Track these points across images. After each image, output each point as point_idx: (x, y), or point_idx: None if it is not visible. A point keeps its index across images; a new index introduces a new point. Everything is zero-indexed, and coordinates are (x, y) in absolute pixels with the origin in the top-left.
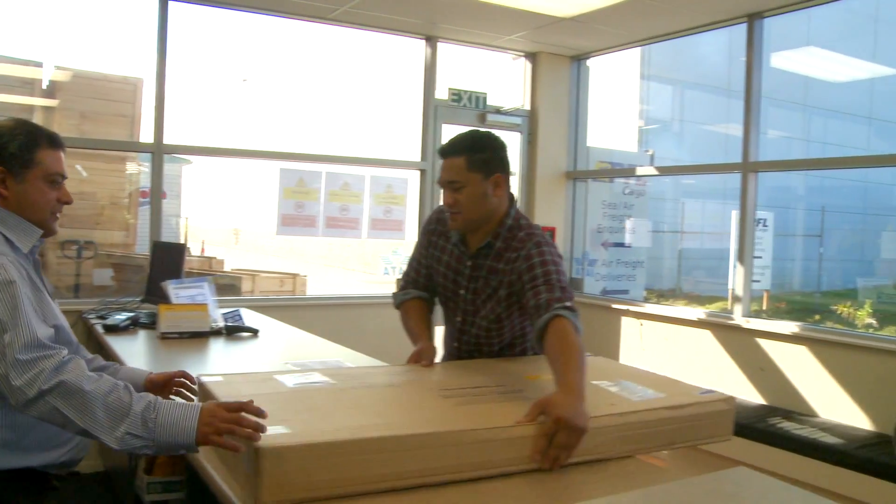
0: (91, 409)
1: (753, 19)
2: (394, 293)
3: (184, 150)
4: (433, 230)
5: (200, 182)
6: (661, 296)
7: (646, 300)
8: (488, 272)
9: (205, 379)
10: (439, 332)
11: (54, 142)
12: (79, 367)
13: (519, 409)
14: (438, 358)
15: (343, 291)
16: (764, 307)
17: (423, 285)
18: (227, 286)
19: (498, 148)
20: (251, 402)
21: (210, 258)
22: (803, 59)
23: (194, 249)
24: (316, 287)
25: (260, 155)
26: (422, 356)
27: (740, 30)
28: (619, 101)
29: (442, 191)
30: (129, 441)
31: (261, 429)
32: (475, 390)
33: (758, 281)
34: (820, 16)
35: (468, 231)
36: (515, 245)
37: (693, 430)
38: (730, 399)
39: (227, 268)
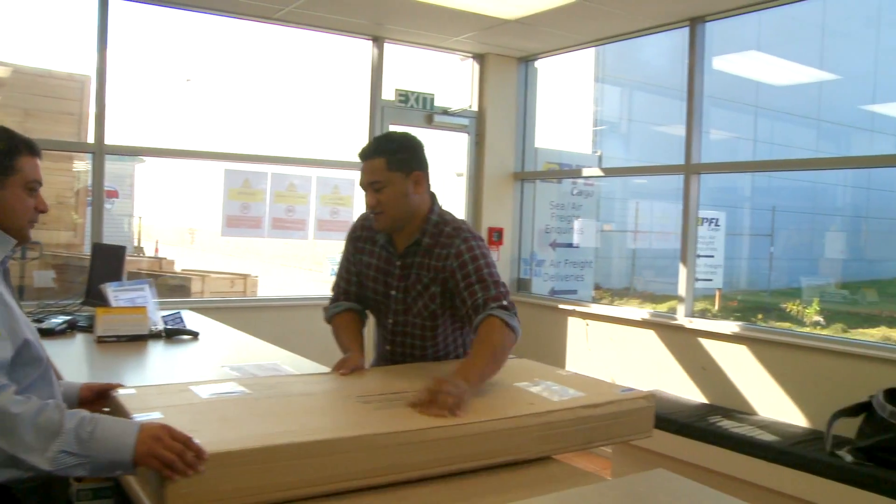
0: (18, 431)
1: (696, 23)
2: (325, 307)
3: (126, 150)
4: (359, 237)
5: (155, 181)
6: (616, 295)
7: (598, 300)
8: (419, 269)
9: (117, 392)
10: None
11: (32, 149)
12: (8, 393)
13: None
14: (369, 363)
15: (293, 292)
16: (716, 305)
17: (355, 294)
18: (177, 287)
19: (416, 147)
20: (193, 440)
21: (161, 259)
22: (753, 63)
23: (148, 250)
24: (269, 287)
25: (205, 156)
26: (344, 365)
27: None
28: (573, 103)
29: (364, 194)
30: (62, 460)
31: (195, 468)
32: (394, 395)
33: (710, 280)
34: (769, 23)
35: (394, 230)
36: (443, 241)
37: (613, 427)
38: (649, 396)
39: (178, 268)
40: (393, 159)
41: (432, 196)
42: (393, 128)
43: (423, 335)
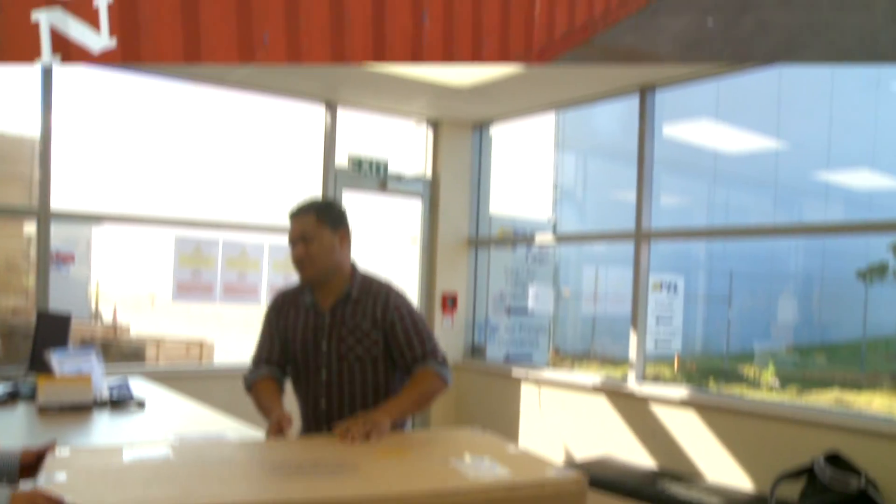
0: None
1: (645, 91)
2: (244, 376)
3: (71, 215)
4: (281, 306)
5: (114, 244)
6: (575, 358)
7: (556, 364)
8: (352, 317)
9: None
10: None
11: None
12: None
13: (345, 485)
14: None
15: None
16: (675, 370)
17: (277, 359)
18: (132, 354)
19: (342, 209)
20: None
21: (115, 325)
22: (711, 131)
23: (107, 314)
24: (228, 352)
25: (156, 221)
26: (280, 427)
27: (659, 100)
28: (531, 168)
29: (291, 249)
30: None
31: None
32: (313, 466)
33: (669, 343)
34: (727, 93)
35: (317, 282)
36: (374, 292)
37: None
38: (579, 481)
39: (133, 334)
40: (322, 215)
41: (353, 262)
42: (346, 193)
43: (363, 380)
